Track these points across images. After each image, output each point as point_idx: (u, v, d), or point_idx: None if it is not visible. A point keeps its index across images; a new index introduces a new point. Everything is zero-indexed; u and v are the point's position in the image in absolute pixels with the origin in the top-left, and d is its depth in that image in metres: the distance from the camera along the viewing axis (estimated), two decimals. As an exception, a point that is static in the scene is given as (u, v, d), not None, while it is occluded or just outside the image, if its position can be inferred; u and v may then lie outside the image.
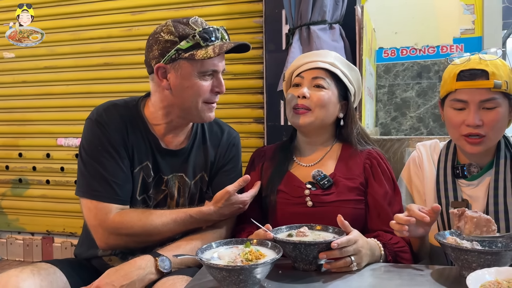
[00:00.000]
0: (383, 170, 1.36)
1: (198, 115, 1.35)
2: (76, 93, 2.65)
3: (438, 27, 2.60)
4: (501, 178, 1.27)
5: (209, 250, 1.06)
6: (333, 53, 1.44)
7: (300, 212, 1.32)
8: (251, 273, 0.94)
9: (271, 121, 2.20)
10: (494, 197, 1.26)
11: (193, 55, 1.25)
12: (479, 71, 1.20)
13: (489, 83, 1.19)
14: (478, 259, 1.01)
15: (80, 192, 1.33)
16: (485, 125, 1.21)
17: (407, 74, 2.61)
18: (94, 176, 1.30)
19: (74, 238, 2.73)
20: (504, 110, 1.23)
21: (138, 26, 2.53)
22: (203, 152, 1.45)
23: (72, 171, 2.67)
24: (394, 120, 2.63)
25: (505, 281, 0.89)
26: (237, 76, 2.33)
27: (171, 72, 1.28)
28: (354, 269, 1.09)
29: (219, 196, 1.30)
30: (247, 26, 2.31)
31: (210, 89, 1.32)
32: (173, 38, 1.26)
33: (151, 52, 1.30)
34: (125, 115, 1.36)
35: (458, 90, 1.24)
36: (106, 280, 1.17)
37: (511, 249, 1.03)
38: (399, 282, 1.05)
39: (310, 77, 1.38)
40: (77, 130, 2.63)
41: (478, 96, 1.21)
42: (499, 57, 1.25)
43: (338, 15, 1.98)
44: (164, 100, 1.34)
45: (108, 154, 1.31)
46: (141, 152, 1.36)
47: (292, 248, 1.09)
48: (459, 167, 1.32)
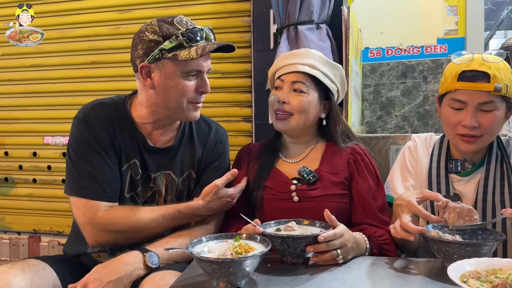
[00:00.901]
0: (366, 165, 1.39)
1: (183, 114, 1.36)
2: (63, 91, 2.63)
3: (422, 27, 2.65)
4: (491, 176, 1.30)
5: (199, 244, 1.08)
6: (314, 52, 1.43)
7: (287, 208, 1.35)
8: (241, 265, 0.96)
9: (259, 119, 2.22)
10: (483, 194, 1.29)
11: (176, 56, 1.26)
12: (481, 73, 1.20)
13: (490, 86, 1.19)
14: (459, 251, 1.05)
15: (69, 190, 1.34)
16: (482, 126, 1.23)
17: (392, 73, 2.66)
18: (82, 175, 1.31)
19: (62, 237, 2.71)
20: (501, 113, 1.24)
21: (126, 24, 2.52)
22: (191, 150, 1.46)
23: (59, 170, 2.65)
24: (380, 119, 2.68)
25: (484, 271, 0.92)
26: (226, 75, 2.34)
27: (155, 72, 1.29)
28: (340, 262, 1.12)
29: (208, 190, 1.32)
30: (235, 25, 2.32)
31: (195, 89, 1.32)
32: (157, 37, 1.26)
33: (136, 51, 1.30)
34: (112, 114, 1.37)
35: (458, 90, 1.24)
36: (94, 276, 1.18)
37: (491, 241, 1.07)
38: (383, 274, 1.09)
39: (290, 81, 1.39)
40: (64, 129, 2.61)
41: (477, 98, 1.21)
42: (502, 60, 1.24)
43: (325, 15, 2.01)
44: (150, 99, 1.35)
45: (95, 152, 1.32)
46: (129, 150, 1.37)
47: (280, 242, 1.12)
48: (453, 162, 1.34)
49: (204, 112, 1.57)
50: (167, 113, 1.36)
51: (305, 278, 1.06)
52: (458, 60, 1.27)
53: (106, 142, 1.34)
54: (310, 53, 1.42)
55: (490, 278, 0.88)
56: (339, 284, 1.01)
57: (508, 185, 1.28)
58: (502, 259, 0.97)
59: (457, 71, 1.24)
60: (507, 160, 1.31)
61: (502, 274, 0.90)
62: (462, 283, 0.84)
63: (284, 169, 1.43)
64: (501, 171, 1.29)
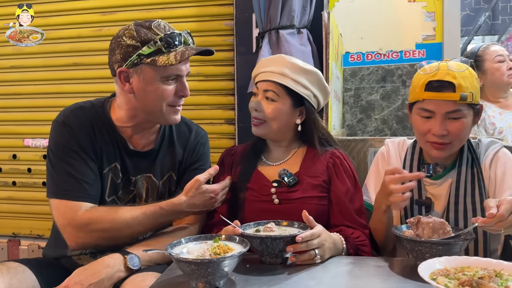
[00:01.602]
0: (345, 169, 1.42)
1: (163, 118, 1.37)
2: (44, 93, 2.61)
3: (401, 33, 2.71)
4: (462, 179, 1.34)
5: (178, 246, 1.09)
6: (287, 60, 1.42)
7: (267, 209, 1.37)
8: (219, 266, 0.98)
9: (242, 122, 2.25)
10: (455, 196, 1.33)
11: (155, 61, 1.26)
12: (447, 83, 1.24)
13: (455, 96, 1.23)
14: (430, 250, 1.09)
15: (50, 193, 1.33)
16: (450, 134, 1.27)
17: (372, 78, 2.72)
18: (62, 177, 1.31)
19: (41, 241, 2.68)
20: (468, 119, 1.28)
21: (109, 26, 2.52)
22: (171, 152, 1.47)
23: (40, 172, 2.63)
24: (360, 122, 2.73)
25: (453, 268, 0.96)
26: (209, 78, 2.36)
27: (134, 77, 1.29)
28: (318, 261, 1.15)
29: (189, 186, 1.31)
30: (218, 29, 2.34)
31: (174, 92, 1.33)
32: (134, 43, 1.26)
33: (114, 56, 1.30)
34: (92, 118, 1.37)
35: (425, 100, 1.27)
36: (75, 279, 1.18)
37: (461, 241, 1.11)
38: (359, 273, 1.12)
39: (262, 89, 1.42)
40: (45, 131, 2.59)
41: (444, 107, 1.25)
42: (467, 68, 1.28)
43: (305, 20, 2.05)
44: (128, 103, 1.35)
45: (76, 154, 1.32)
46: (110, 154, 1.37)
47: (259, 242, 1.14)
48: (425, 166, 1.37)
49: (187, 115, 1.58)
50: (147, 117, 1.37)
51: (283, 277, 1.08)
52: (424, 70, 1.31)
53: (87, 145, 1.34)
54: (283, 61, 1.42)
55: (458, 275, 0.92)
56: (316, 283, 1.04)
57: (479, 187, 1.32)
58: (471, 258, 1.01)
59: (424, 81, 1.27)
60: (477, 163, 1.35)
61: (469, 272, 0.94)
62: (431, 281, 0.88)
63: (265, 171, 1.46)
64: (472, 174, 1.33)
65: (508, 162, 1.33)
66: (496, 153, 1.35)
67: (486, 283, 0.86)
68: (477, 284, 0.86)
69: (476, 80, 1.29)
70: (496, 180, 1.32)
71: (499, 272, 0.92)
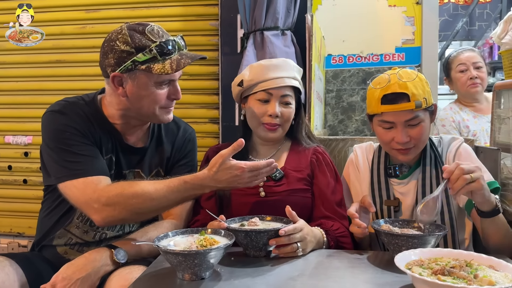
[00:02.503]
0: (327, 164, 1.50)
1: (155, 119, 1.39)
2: (26, 90, 2.58)
3: (381, 37, 2.79)
4: (427, 176, 1.41)
5: (165, 239, 1.12)
6: (290, 63, 1.52)
7: (254, 202, 1.42)
8: (206, 257, 1.01)
9: (226, 121, 2.28)
10: (422, 194, 1.40)
11: (150, 68, 1.27)
12: (401, 94, 1.31)
13: (411, 105, 1.31)
14: (406, 243, 1.15)
15: (60, 179, 1.29)
16: (413, 139, 1.35)
17: (353, 80, 2.79)
18: (70, 159, 1.29)
19: (22, 239, 2.65)
20: (427, 122, 1.37)
21: (92, 24, 2.51)
22: (160, 149, 1.50)
23: (20, 170, 2.60)
24: (341, 123, 2.79)
25: (427, 259, 1.02)
26: (193, 77, 2.38)
27: (128, 82, 1.30)
28: (300, 254, 1.20)
29: (213, 161, 1.24)
30: (203, 29, 2.36)
31: (167, 96, 1.35)
32: (129, 48, 1.26)
33: (107, 59, 1.30)
34: (86, 111, 1.37)
35: (384, 113, 1.35)
36: (63, 275, 1.19)
37: (435, 234, 1.17)
38: (339, 265, 1.17)
39: (279, 95, 1.46)
40: (26, 128, 2.57)
41: (402, 117, 1.33)
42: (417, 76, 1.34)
43: (289, 22, 2.09)
44: (120, 104, 1.36)
45: (77, 136, 1.31)
46: (107, 145, 1.38)
47: (244, 236, 1.18)
48: (391, 167, 1.45)
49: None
50: (139, 117, 1.39)
51: (266, 269, 1.12)
52: (375, 84, 1.38)
53: (86, 132, 1.33)
54: (290, 65, 1.51)
55: (432, 265, 0.97)
56: (298, 274, 1.09)
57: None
58: (444, 249, 1.07)
59: (379, 95, 1.34)
60: (440, 160, 1.43)
61: (442, 262, 0.99)
62: (407, 270, 0.94)
63: None
64: (436, 171, 1.41)
65: (468, 157, 1.42)
66: (458, 149, 1.43)
67: (457, 271, 0.92)
68: (448, 273, 0.92)
69: (426, 84, 1.37)
70: None
71: (469, 262, 0.98)
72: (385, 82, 1.34)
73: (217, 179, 1.23)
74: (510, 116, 1.61)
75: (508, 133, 1.62)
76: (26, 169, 2.58)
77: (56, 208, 1.41)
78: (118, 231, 1.45)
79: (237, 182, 1.24)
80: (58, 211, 1.40)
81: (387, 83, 1.33)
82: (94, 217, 1.25)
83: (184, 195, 1.27)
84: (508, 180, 1.57)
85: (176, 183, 1.25)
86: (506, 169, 1.59)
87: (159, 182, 1.26)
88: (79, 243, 1.40)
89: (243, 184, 1.25)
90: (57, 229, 1.41)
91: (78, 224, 1.40)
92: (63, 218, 1.40)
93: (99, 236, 1.42)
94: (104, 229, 1.42)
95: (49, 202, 1.43)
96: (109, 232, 1.43)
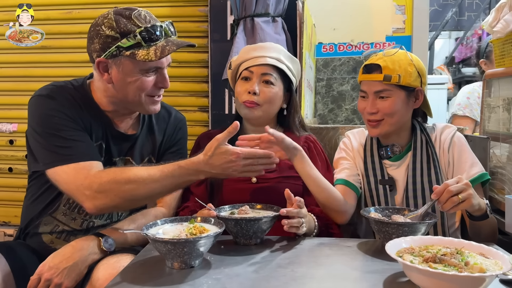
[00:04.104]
0: (318, 152, 1.51)
1: (142, 108, 1.36)
2: (11, 76, 2.52)
3: (372, 25, 2.78)
4: (418, 160, 1.43)
5: (154, 227, 1.10)
6: (278, 47, 1.53)
7: (245, 188, 1.42)
8: (195, 245, 1.00)
9: (216, 109, 2.25)
10: (412, 177, 1.43)
11: (134, 55, 1.24)
12: (375, 65, 1.38)
13: (380, 77, 1.37)
14: (397, 231, 1.15)
15: (48, 164, 1.25)
16: (380, 111, 1.39)
17: (344, 68, 2.78)
18: (59, 144, 1.25)
19: (7, 228, 2.61)
20: (398, 99, 1.39)
21: (79, 9, 2.45)
22: (151, 136, 1.48)
23: (5, 158, 2.54)
24: (331, 112, 2.79)
25: (418, 247, 1.02)
26: (182, 64, 2.34)
27: (113, 68, 1.27)
28: (303, 229, 1.22)
29: (209, 145, 1.22)
30: (192, 15, 2.32)
31: (154, 84, 1.32)
32: (114, 34, 1.23)
33: (92, 44, 1.27)
34: (76, 96, 1.34)
35: (362, 82, 1.44)
36: (49, 264, 1.17)
37: (426, 222, 1.17)
38: (329, 252, 1.17)
39: (260, 73, 1.46)
40: (11, 115, 2.51)
41: (373, 87, 1.39)
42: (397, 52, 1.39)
43: (280, 8, 2.06)
44: (107, 91, 1.33)
45: (66, 122, 1.27)
46: (97, 131, 1.35)
47: (234, 224, 1.17)
48: (383, 148, 1.47)
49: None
50: (126, 106, 1.36)
51: (256, 258, 1.11)
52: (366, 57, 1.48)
53: (76, 117, 1.29)
54: (276, 47, 1.52)
55: (422, 253, 0.97)
56: (288, 262, 1.08)
57: (434, 167, 1.42)
58: (434, 237, 1.07)
59: (363, 66, 1.44)
60: (431, 144, 1.45)
61: (433, 250, 0.99)
62: (398, 258, 0.93)
63: None
64: (427, 155, 1.44)
65: (462, 146, 1.44)
66: (452, 137, 1.45)
67: (448, 259, 0.92)
68: (440, 260, 0.92)
69: (409, 65, 1.39)
70: (454, 164, 1.43)
71: (460, 249, 0.98)
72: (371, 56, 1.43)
73: (212, 164, 1.20)
74: (500, 105, 1.61)
75: (498, 122, 1.63)
76: (11, 157, 2.53)
77: (42, 195, 1.38)
78: (106, 219, 1.42)
79: (231, 168, 1.21)
80: (44, 198, 1.37)
81: (373, 56, 1.43)
82: (86, 205, 1.21)
83: (178, 181, 1.23)
84: (497, 168, 1.58)
85: (170, 168, 1.22)
86: (495, 158, 1.60)
87: (152, 168, 1.23)
88: (66, 230, 1.37)
89: (238, 172, 1.22)
90: (43, 216, 1.38)
91: (65, 211, 1.37)
92: (49, 205, 1.37)
93: (86, 224, 1.39)
94: (92, 217, 1.39)
95: (34, 189, 1.40)
96: (97, 221, 1.41)
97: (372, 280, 0.98)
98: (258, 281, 0.97)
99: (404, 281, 0.97)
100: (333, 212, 1.38)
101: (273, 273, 1.01)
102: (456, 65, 6.14)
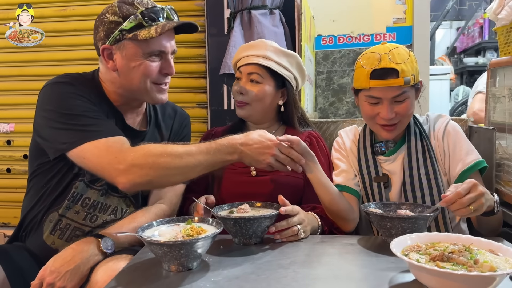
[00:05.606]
0: (320, 148, 1.49)
1: (148, 96, 1.34)
2: (6, 76, 2.49)
3: (372, 16, 2.73)
4: (413, 152, 1.40)
5: (150, 229, 1.07)
6: (268, 43, 1.50)
7: (245, 181, 1.42)
8: (192, 247, 0.96)
9: (214, 105, 2.21)
10: (409, 169, 1.39)
11: (136, 35, 1.25)
12: (390, 70, 1.29)
13: (400, 81, 1.29)
14: (397, 225, 1.12)
15: (74, 143, 1.19)
16: (398, 115, 1.33)
17: (344, 61, 2.73)
18: (85, 122, 1.21)
19: (7, 229, 2.59)
20: (412, 99, 1.35)
21: (73, 6, 2.41)
22: (158, 133, 1.48)
23: (3, 159, 2.52)
24: (332, 105, 2.74)
25: (424, 244, 0.98)
26: (179, 60, 2.29)
27: (117, 53, 1.28)
28: (302, 236, 1.18)
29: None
30: (189, 9, 2.28)
31: (158, 70, 1.31)
32: (117, 18, 1.25)
33: (98, 34, 1.29)
34: (89, 87, 1.32)
35: (372, 88, 1.32)
36: (51, 268, 1.15)
37: (426, 216, 1.14)
38: (331, 250, 1.14)
39: (246, 72, 1.47)
40: (8, 115, 2.48)
41: (390, 93, 1.30)
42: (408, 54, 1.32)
43: (278, 0, 2.02)
44: (114, 81, 1.33)
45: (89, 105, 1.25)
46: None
47: (233, 224, 1.13)
48: (377, 144, 1.43)
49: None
50: (133, 95, 1.35)
51: (256, 258, 1.08)
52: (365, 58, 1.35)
53: (96, 104, 1.28)
54: (264, 44, 1.50)
55: (429, 251, 0.93)
56: (289, 262, 1.04)
57: (430, 158, 1.38)
58: (441, 234, 1.03)
59: (368, 70, 1.31)
60: (425, 135, 1.42)
61: (440, 247, 0.95)
62: (403, 256, 0.89)
63: None
64: (422, 147, 1.40)
65: (457, 135, 1.40)
66: (446, 126, 1.41)
67: (456, 257, 0.88)
68: (447, 259, 0.88)
69: (414, 61, 1.34)
70: (449, 153, 1.38)
71: (468, 246, 0.95)
72: (376, 61, 1.31)
73: (247, 144, 1.18)
74: (506, 94, 1.57)
75: (504, 112, 1.58)
76: (9, 158, 2.51)
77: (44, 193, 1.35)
78: (110, 214, 1.39)
79: (264, 155, 1.19)
80: (47, 196, 1.35)
81: (377, 61, 1.31)
82: (119, 179, 1.15)
83: (213, 158, 1.18)
84: (503, 160, 1.53)
85: (207, 144, 1.19)
86: (502, 149, 1.55)
87: (187, 144, 1.20)
88: (69, 225, 1.33)
89: (268, 160, 1.19)
90: (46, 212, 1.35)
91: (69, 205, 1.34)
92: (53, 202, 1.34)
93: (89, 218, 1.35)
94: (95, 211, 1.35)
95: (35, 188, 1.38)
96: (100, 215, 1.37)
97: (378, 280, 0.94)
98: (258, 283, 0.93)
99: (410, 280, 0.93)
100: (341, 220, 1.35)
101: (274, 275, 0.97)
102: (458, 55, 6.09)
